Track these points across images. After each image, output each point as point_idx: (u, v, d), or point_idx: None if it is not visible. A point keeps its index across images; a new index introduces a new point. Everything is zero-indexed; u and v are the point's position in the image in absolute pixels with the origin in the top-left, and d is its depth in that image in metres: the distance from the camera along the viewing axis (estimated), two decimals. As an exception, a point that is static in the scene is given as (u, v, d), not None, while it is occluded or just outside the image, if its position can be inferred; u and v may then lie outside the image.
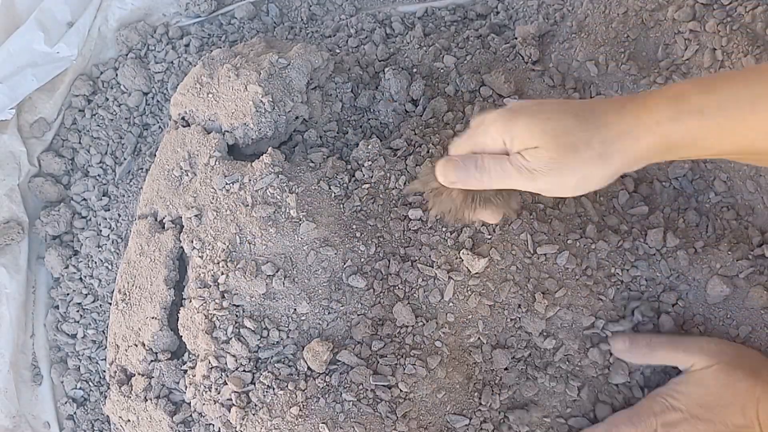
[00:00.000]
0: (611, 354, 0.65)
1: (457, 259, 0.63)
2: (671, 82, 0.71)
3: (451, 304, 0.63)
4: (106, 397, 0.69)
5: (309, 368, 0.61)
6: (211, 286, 0.62)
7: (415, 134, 0.70)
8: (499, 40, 0.78)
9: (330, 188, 0.64)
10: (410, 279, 0.64)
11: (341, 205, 0.65)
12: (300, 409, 0.59)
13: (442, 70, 0.78)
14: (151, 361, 0.66)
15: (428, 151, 0.69)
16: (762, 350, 0.65)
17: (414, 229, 0.66)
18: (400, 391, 0.61)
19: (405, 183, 0.67)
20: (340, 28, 0.83)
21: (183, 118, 0.72)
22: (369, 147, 0.68)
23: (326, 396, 0.60)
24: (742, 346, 0.63)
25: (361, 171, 0.67)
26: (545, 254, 0.64)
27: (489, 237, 0.64)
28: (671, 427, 0.60)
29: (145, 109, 0.84)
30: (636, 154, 0.49)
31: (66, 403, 0.79)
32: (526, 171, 0.51)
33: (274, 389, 0.60)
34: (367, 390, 0.60)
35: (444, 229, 0.66)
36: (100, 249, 0.80)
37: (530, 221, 0.65)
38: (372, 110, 0.75)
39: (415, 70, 0.78)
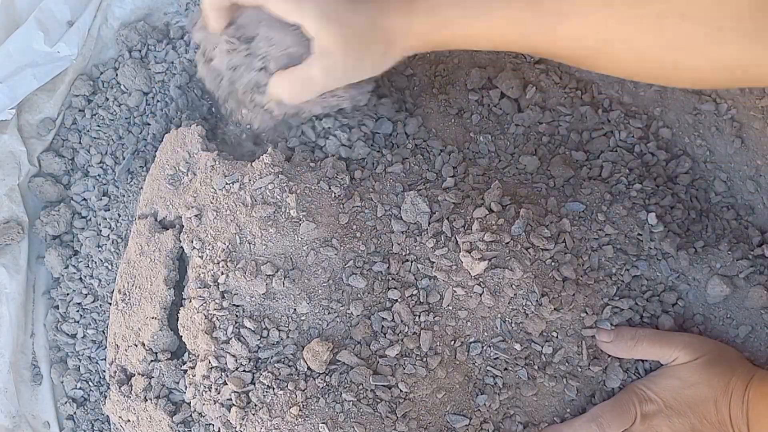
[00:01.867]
0: (609, 356, 0.65)
1: (457, 260, 0.63)
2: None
3: (450, 306, 0.63)
4: (106, 397, 0.69)
5: (309, 368, 0.61)
6: (211, 286, 0.62)
7: None
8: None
9: (330, 188, 0.64)
10: (410, 279, 0.64)
11: (341, 205, 0.65)
12: (300, 409, 0.59)
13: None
14: (151, 361, 0.66)
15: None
16: (762, 350, 0.65)
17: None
18: (400, 391, 0.61)
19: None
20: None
21: (183, 118, 0.72)
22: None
23: (326, 396, 0.60)
24: (721, 344, 0.64)
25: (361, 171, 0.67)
26: (546, 254, 0.64)
27: (490, 238, 0.64)
28: (649, 417, 0.61)
29: (145, 109, 0.84)
30: (410, 48, 0.58)
31: (66, 403, 0.79)
32: (328, 77, 0.57)
33: (274, 389, 0.60)
34: (367, 390, 0.60)
35: (445, 231, 0.66)
36: (100, 249, 0.80)
37: (532, 221, 0.65)
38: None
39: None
